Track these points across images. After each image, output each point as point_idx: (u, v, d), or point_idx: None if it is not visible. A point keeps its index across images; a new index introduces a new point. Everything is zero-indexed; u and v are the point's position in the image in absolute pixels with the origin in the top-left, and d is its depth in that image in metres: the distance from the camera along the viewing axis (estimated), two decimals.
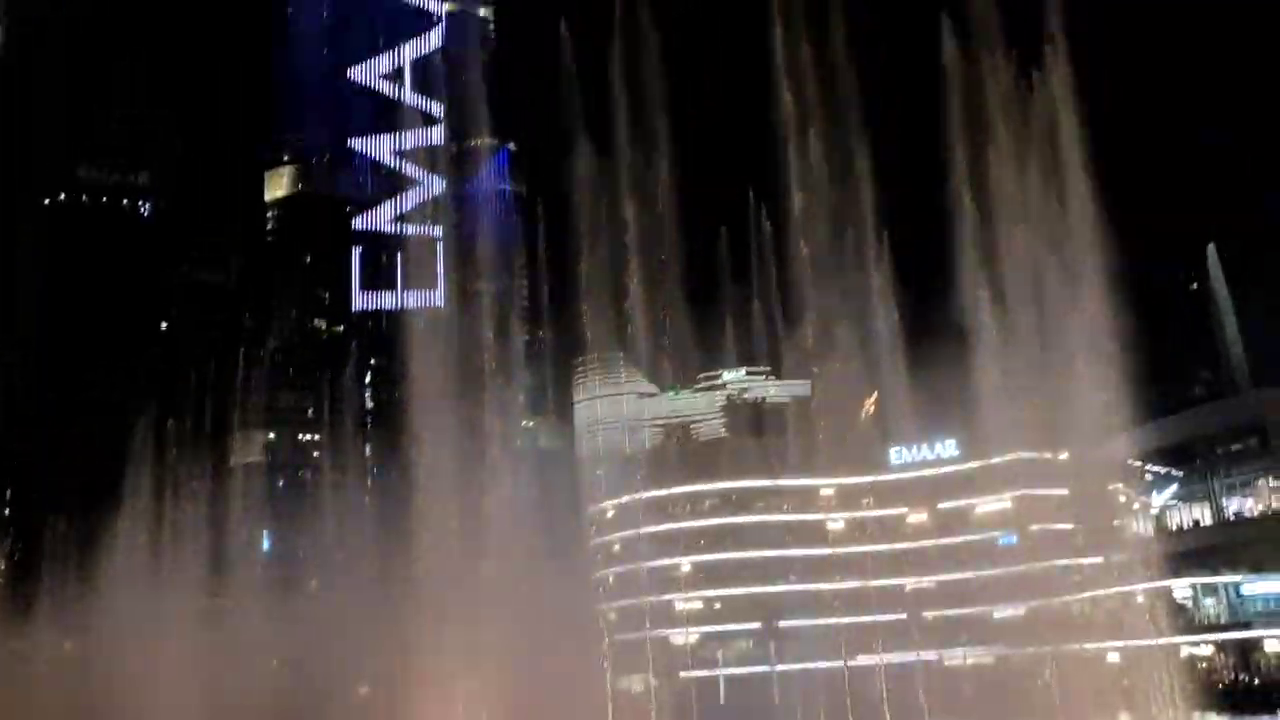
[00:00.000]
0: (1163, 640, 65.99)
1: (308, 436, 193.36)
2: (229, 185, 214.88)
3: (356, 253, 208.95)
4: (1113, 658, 69.00)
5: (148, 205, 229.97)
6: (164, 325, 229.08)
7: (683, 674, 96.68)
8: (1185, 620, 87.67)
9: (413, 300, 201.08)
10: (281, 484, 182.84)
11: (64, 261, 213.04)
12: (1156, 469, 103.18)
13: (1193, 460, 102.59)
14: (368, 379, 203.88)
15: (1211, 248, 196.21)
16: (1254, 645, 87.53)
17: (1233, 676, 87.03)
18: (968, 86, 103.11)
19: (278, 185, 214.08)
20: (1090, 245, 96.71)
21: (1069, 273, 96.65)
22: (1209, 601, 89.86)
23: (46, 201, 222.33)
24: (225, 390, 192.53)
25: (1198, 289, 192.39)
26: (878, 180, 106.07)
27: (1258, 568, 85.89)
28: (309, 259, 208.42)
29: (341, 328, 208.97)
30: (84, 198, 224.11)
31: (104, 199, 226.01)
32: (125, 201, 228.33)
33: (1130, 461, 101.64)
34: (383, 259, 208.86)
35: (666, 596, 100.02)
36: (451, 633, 62.75)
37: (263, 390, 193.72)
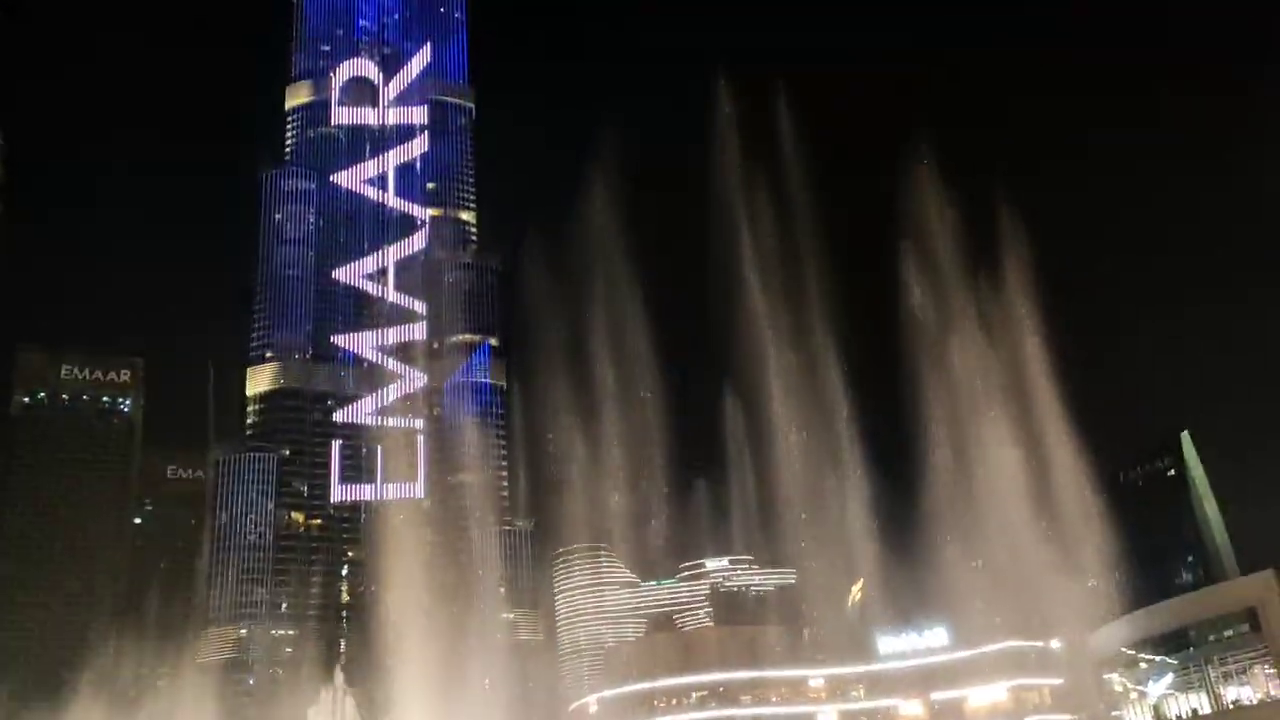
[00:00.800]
0: None
1: (281, 632, 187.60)
2: (210, 381, 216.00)
3: (336, 445, 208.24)
4: None
5: (127, 402, 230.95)
6: (137, 520, 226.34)
7: None
8: None
9: (393, 492, 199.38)
10: (252, 681, 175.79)
11: (40, 455, 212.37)
12: (1151, 657, 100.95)
13: (1186, 647, 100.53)
14: (344, 572, 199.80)
15: (1186, 435, 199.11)
16: None
17: None
18: (929, 326, 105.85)
19: (259, 380, 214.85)
20: (1066, 437, 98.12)
21: (1046, 462, 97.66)
22: None
23: (26, 400, 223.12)
24: (196, 584, 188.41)
25: (1174, 475, 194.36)
26: (849, 374, 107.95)
27: None
28: (288, 452, 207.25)
29: (319, 520, 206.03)
30: (64, 395, 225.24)
31: (84, 396, 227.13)
32: (105, 399, 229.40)
33: (1124, 649, 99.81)
34: (363, 451, 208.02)
35: None
36: None
37: (235, 585, 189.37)
